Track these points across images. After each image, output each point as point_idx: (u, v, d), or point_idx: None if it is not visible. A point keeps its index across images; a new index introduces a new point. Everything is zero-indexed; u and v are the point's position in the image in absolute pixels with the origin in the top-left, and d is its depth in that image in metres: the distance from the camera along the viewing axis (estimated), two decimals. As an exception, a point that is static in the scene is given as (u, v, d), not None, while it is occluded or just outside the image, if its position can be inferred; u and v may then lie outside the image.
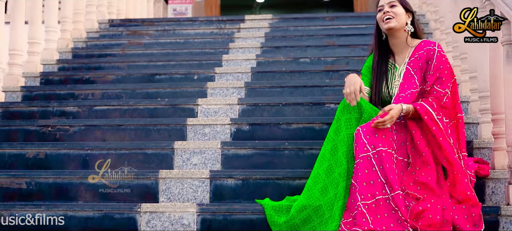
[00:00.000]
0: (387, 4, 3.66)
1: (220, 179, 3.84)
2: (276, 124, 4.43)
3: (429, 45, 3.57)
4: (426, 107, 3.38)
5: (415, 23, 3.70)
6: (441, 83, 3.44)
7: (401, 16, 3.64)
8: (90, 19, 7.02)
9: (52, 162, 4.23)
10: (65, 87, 5.31)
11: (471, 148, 3.97)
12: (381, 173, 3.25)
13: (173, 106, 4.82)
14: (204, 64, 5.77)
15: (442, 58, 3.50)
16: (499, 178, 3.64)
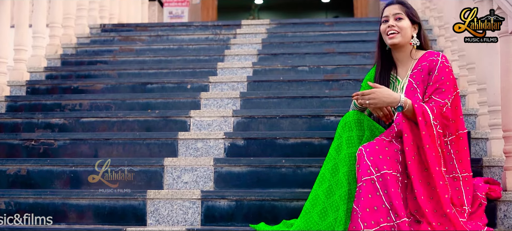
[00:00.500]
0: (392, 16, 3.40)
1: (212, 200, 3.59)
2: (273, 138, 4.18)
3: (432, 56, 3.32)
4: (425, 108, 3.13)
5: (421, 35, 3.45)
6: (440, 93, 3.19)
7: (406, 30, 3.38)
8: (81, 24, 6.77)
9: (35, 179, 3.98)
10: (51, 97, 5.06)
11: (481, 167, 3.72)
12: (386, 198, 3.00)
13: (165, 118, 4.57)
14: (198, 73, 5.52)
15: (445, 69, 3.25)
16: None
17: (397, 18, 3.41)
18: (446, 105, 3.15)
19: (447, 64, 3.29)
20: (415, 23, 3.43)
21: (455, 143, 3.22)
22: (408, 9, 3.45)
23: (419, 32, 3.44)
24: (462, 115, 3.29)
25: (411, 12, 3.44)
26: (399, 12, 3.42)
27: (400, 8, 3.44)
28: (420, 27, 3.45)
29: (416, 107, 3.11)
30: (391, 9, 3.46)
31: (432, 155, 3.06)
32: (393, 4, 3.49)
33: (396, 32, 3.37)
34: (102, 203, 3.64)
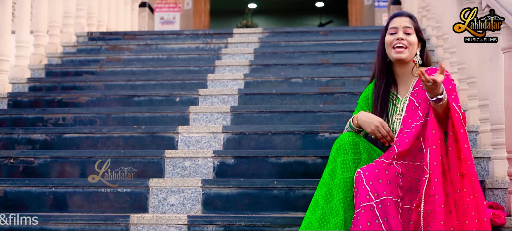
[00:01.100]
0: (402, 29, 3.21)
1: (199, 226, 3.38)
2: (265, 157, 3.97)
3: (435, 72, 3.12)
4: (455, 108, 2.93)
5: (424, 54, 3.26)
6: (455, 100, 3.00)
7: (414, 46, 3.21)
8: (67, 32, 6.55)
9: (12, 201, 3.76)
10: (33, 111, 4.84)
11: (483, 189, 3.51)
12: (386, 226, 2.80)
13: (151, 135, 4.36)
14: (187, 85, 5.31)
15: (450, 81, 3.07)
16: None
17: (407, 32, 3.22)
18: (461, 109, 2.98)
19: (452, 79, 3.11)
20: (420, 40, 3.24)
21: None
22: (416, 24, 3.26)
23: (422, 50, 3.25)
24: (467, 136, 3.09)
25: (419, 28, 3.26)
26: (409, 26, 3.23)
27: (410, 22, 3.26)
28: (423, 44, 3.26)
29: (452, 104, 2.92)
30: (401, 21, 3.27)
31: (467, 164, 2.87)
32: (403, 15, 3.31)
33: (404, 47, 3.18)
34: (82, 228, 3.42)
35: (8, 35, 5.29)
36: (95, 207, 3.70)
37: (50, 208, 3.72)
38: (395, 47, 3.19)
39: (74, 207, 3.71)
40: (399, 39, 3.19)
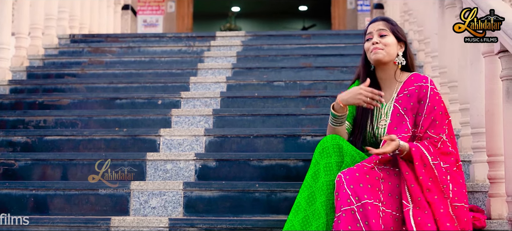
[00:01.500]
0: (376, 33, 3.22)
1: (180, 228, 3.37)
2: (246, 160, 3.97)
3: (420, 81, 3.14)
4: (422, 150, 2.96)
5: (407, 54, 3.26)
6: (435, 127, 3.02)
7: (391, 46, 3.20)
8: (49, 34, 6.51)
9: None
10: (14, 113, 4.81)
11: (464, 191, 3.53)
12: (367, 229, 2.80)
13: (133, 137, 4.35)
14: (169, 87, 5.30)
15: (435, 97, 3.08)
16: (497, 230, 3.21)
17: (381, 34, 3.23)
18: (441, 140, 2.99)
19: (437, 91, 3.12)
20: (401, 41, 3.25)
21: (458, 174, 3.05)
22: (393, 26, 3.27)
23: (405, 51, 3.26)
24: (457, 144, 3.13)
25: (397, 29, 3.25)
26: (383, 28, 3.23)
27: (384, 25, 3.26)
28: (406, 46, 3.27)
29: (413, 150, 2.94)
30: (375, 25, 3.28)
31: (434, 198, 2.87)
32: (377, 21, 3.32)
33: (380, 48, 3.19)
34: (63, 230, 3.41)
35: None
36: (76, 209, 3.68)
37: (30, 210, 3.69)
38: (372, 50, 3.21)
39: (55, 210, 3.69)
40: (374, 44, 3.20)
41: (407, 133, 3.07)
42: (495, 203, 3.31)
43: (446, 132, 3.03)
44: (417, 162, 2.92)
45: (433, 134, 3.02)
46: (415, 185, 2.90)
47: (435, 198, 2.88)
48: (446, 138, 3.02)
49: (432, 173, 2.93)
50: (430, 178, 2.92)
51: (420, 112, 3.08)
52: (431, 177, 2.92)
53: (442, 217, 2.86)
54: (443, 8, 4.42)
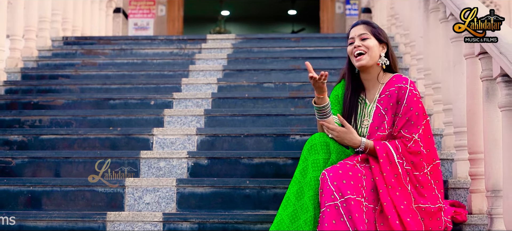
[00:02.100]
0: (357, 37, 3.36)
1: (174, 223, 3.50)
2: (237, 158, 4.11)
3: (400, 82, 3.28)
4: (387, 146, 3.11)
5: (390, 55, 3.40)
6: (409, 126, 3.17)
7: (373, 49, 3.34)
8: (43, 37, 6.62)
9: (-12, 201, 3.84)
10: (10, 113, 4.93)
11: (446, 188, 3.68)
12: (350, 224, 2.94)
13: (127, 136, 4.47)
14: (162, 88, 5.43)
15: (413, 98, 3.22)
16: (477, 224, 3.35)
17: (363, 38, 3.36)
18: (412, 139, 3.13)
19: (415, 93, 3.26)
20: (383, 42, 3.38)
21: (434, 173, 3.20)
22: (374, 28, 3.40)
23: (388, 52, 3.40)
24: (435, 143, 3.27)
25: (378, 31, 3.39)
26: (364, 32, 3.37)
27: (365, 28, 3.40)
28: (388, 47, 3.40)
29: (378, 148, 3.11)
30: (356, 30, 3.42)
31: (396, 195, 3.03)
32: (358, 25, 3.45)
33: (363, 52, 3.33)
34: (61, 225, 3.53)
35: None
36: (72, 205, 3.81)
37: (27, 207, 3.81)
38: (355, 55, 3.35)
39: (52, 206, 3.81)
40: (356, 47, 3.34)
41: (383, 132, 3.23)
42: (475, 199, 3.45)
43: (420, 132, 3.17)
44: (382, 159, 3.09)
45: (406, 133, 3.16)
46: (380, 178, 3.05)
47: (397, 194, 3.04)
48: (418, 137, 3.16)
49: (397, 170, 3.08)
50: (395, 175, 3.08)
51: (397, 112, 3.23)
52: (395, 173, 3.08)
53: (403, 212, 3.01)
54: (428, 12, 4.57)
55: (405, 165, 3.11)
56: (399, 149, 3.12)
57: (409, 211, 3.02)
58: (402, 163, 3.10)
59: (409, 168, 3.11)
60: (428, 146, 3.18)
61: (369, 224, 3.00)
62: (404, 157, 3.12)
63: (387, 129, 3.23)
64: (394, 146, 3.14)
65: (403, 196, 3.04)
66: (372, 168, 3.09)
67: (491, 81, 3.20)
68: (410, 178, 3.11)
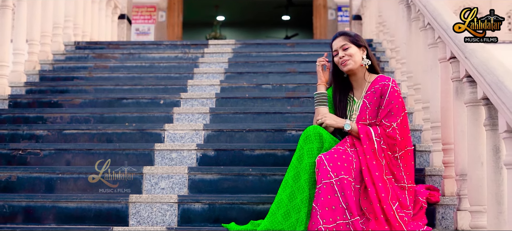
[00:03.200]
0: (340, 48, 3.94)
1: (187, 204, 4.04)
2: (240, 150, 4.65)
3: (384, 80, 3.85)
4: (368, 128, 3.73)
5: (370, 56, 3.97)
6: (390, 116, 3.74)
7: (356, 55, 3.91)
8: (57, 41, 7.15)
9: (24, 185, 4.37)
10: (34, 111, 5.46)
11: (423, 175, 4.24)
12: (343, 199, 3.50)
13: (141, 131, 5.00)
14: (169, 89, 5.96)
15: (394, 93, 3.78)
16: (449, 204, 3.91)
17: (345, 48, 3.94)
18: (391, 126, 3.69)
19: (397, 89, 3.82)
20: (362, 46, 3.95)
21: (404, 157, 3.75)
22: (352, 37, 3.98)
23: (368, 53, 3.97)
24: (409, 133, 3.83)
25: (355, 39, 3.97)
26: (344, 43, 3.95)
27: (344, 39, 3.97)
28: (367, 49, 3.97)
29: (359, 127, 3.72)
30: (337, 42, 4.00)
31: (373, 163, 3.60)
32: (337, 37, 4.04)
33: (347, 60, 3.90)
34: (89, 206, 4.06)
35: (8, 43, 5.90)
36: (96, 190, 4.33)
37: (58, 191, 4.34)
38: (342, 64, 3.93)
39: (79, 191, 4.33)
40: (341, 57, 3.93)
41: (363, 121, 3.82)
42: (447, 183, 4.01)
43: (398, 121, 3.74)
44: (362, 135, 3.72)
45: (386, 122, 3.73)
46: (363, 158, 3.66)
47: (373, 163, 3.63)
48: (396, 126, 3.73)
49: (373, 146, 3.68)
50: (372, 149, 3.67)
51: (381, 104, 3.79)
52: (372, 148, 3.68)
53: (376, 178, 3.60)
54: (410, 21, 5.12)
55: (382, 143, 3.68)
56: (378, 131, 3.70)
57: (381, 179, 3.59)
58: (379, 141, 3.67)
59: (385, 148, 3.68)
60: (403, 135, 3.74)
61: (355, 200, 3.56)
62: (382, 138, 3.68)
63: (368, 119, 3.79)
64: (374, 128, 3.72)
65: (378, 167, 3.61)
66: (357, 150, 3.66)
67: (459, 81, 3.76)
68: (384, 155, 3.67)
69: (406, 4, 5.22)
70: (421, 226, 3.66)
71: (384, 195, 3.57)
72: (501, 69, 3.10)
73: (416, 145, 4.54)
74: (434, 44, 4.26)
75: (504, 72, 3.06)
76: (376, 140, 3.68)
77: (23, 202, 4.08)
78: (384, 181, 3.62)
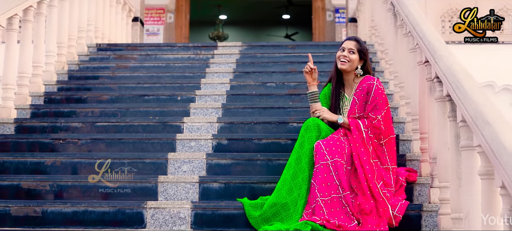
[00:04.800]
0: (347, 49, 4.74)
1: (206, 183, 4.83)
2: (249, 139, 5.44)
3: (370, 80, 4.65)
4: (357, 121, 4.51)
5: (366, 67, 4.76)
6: (375, 110, 4.54)
7: (354, 62, 4.72)
8: (81, 44, 7.95)
9: (67, 168, 5.16)
10: (68, 106, 6.26)
11: (405, 160, 5.04)
12: (336, 177, 4.31)
13: (163, 123, 5.79)
14: (185, 87, 6.76)
15: (378, 91, 4.59)
16: (424, 183, 4.71)
17: (350, 51, 4.74)
18: (377, 119, 4.49)
19: (380, 87, 4.62)
20: (363, 58, 4.75)
21: (388, 144, 4.56)
22: (361, 46, 4.78)
23: (364, 64, 4.76)
24: (392, 123, 4.64)
25: (362, 49, 4.77)
26: (353, 48, 4.75)
27: (355, 45, 4.77)
28: (365, 62, 4.76)
29: (350, 121, 4.51)
30: (348, 43, 4.80)
31: (361, 150, 4.40)
32: (351, 39, 4.84)
33: (346, 61, 4.70)
34: (124, 185, 4.85)
35: (43, 46, 6.71)
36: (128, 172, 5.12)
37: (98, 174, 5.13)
38: (340, 60, 4.72)
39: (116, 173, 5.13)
40: (343, 55, 4.72)
41: (353, 114, 4.61)
42: (423, 166, 4.81)
43: (383, 114, 4.54)
44: (352, 127, 4.51)
45: (372, 115, 4.53)
46: (353, 145, 4.45)
47: (361, 150, 4.41)
48: (381, 118, 4.52)
49: (362, 135, 4.47)
50: (361, 138, 4.45)
51: (367, 100, 4.59)
52: (361, 138, 4.46)
53: (364, 162, 4.39)
54: (396, 28, 5.91)
55: (369, 133, 4.48)
56: (365, 122, 4.50)
57: (368, 163, 4.38)
58: (367, 131, 4.47)
59: (372, 136, 4.47)
60: (386, 125, 4.54)
61: (346, 179, 4.36)
62: (369, 128, 4.49)
63: (357, 113, 4.60)
64: (362, 120, 4.53)
65: (365, 152, 4.41)
66: (349, 138, 4.46)
67: (431, 81, 4.53)
68: (371, 142, 4.47)
69: (393, 12, 6.00)
70: (400, 200, 4.46)
71: (371, 175, 4.37)
72: (461, 72, 3.88)
73: (400, 135, 5.33)
74: (414, 49, 5.04)
75: (463, 75, 3.84)
76: (364, 131, 4.48)
77: (69, 182, 4.87)
78: (371, 164, 4.41)
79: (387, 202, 4.36)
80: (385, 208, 4.30)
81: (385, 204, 4.34)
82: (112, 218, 4.50)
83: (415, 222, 4.40)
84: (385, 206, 4.31)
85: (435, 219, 4.38)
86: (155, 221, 4.48)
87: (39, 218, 4.50)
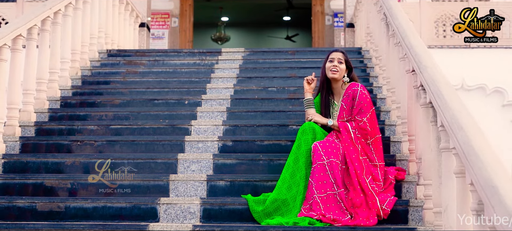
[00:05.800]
0: (337, 60, 5.22)
1: (214, 181, 5.29)
2: (253, 141, 5.90)
3: (354, 86, 5.14)
4: (346, 124, 4.99)
5: (351, 75, 5.25)
6: (361, 113, 5.03)
7: (343, 71, 5.21)
8: (92, 50, 8.42)
9: (86, 168, 5.63)
10: (83, 109, 6.73)
11: (395, 160, 5.50)
12: (332, 176, 4.78)
13: (172, 126, 6.25)
14: (192, 91, 7.22)
15: (363, 95, 5.07)
16: (412, 181, 5.18)
17: (340, 61, 5.22)
18: (362, 121, 4.97)
19: (364, 92, 5.10)
20: (348, 68, 5.23)
21: (374, 143, 5.03)
22: (346, 57, 5.27)
23: (350, 73, 5.24)
24: (377, 124, 5.11)
25: (348, 59, 5.25)
26: (341, 58, 5.24)
27: (342, 56, 5.26)
28: (350, 71, 5.24)
29: (339, 123, 4.97)
30: (337, 54, 5.28)
31: (350, 149, 4.87)
32: (338, 51, 5.32)
33: (337, 71, 5.18)
34: (138, 184, 5.32)
35: (59, 53, 7.17)
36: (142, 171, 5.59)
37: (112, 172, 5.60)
38: (331, 70, 5.20)
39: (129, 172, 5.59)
40: (334, 66, 5.20)
41: (342, 118, 5.09)
42: (411, 165, 5.28)
43: (368, 116, 5.02)
44: (342, 129, 5.00)
45: (358, 117, 5.01)
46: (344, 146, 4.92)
47: (351, 149, 4.88)
48: (367, 120, 5.00)
49: (350, 136, 4.94)
50: (350, 139, 4.93)
51: (353, 105, 5.06)
52: (350, 138, 4.94)
53: (353, 159, 4.86)
54: (388, 36, 6.37)
55: (357, 133, 4.96)
56: (353, 124, 4.98)
57: (357, 160, 4.86)
58: (355, 132, 4.96)
59: (359, 136, 4.95)
60: (372, 126, 5.02)
61: (341, 177, 4.83)
62: (357, 129, 4.96)
63: (345, 117, 5.07)
64: (350, 123, 5.01)
65: (354, 151, 4.89)
66: (341, 140, 4.93)
67: (417, 89, 5.01)
68: (359, 142, 4.94)
69: (386, 22, 6.46)
70: (389, 196, 4.93)
71: (360, 171, 4.84)
72: (442, 82, 4.35)
73: (391, 137, 5.80)
74: (403, 58, 5.50)
75: (444, 84, 4.31)
76: (352, 131, 4.96)
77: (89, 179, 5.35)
78: (360, 161, 4.88)
79: (375, 195, 4.83)
80: (373, 201, 4.76)
81: (373, 197, 4.80)
82: (128, 213, 4.96)
83: (402, 216, 4.87)
84: (373, 199, 4.77)
85: (420, 213, 4.85)
86: (168, 215, 4.95)
87: (62, 213, 4.97)
